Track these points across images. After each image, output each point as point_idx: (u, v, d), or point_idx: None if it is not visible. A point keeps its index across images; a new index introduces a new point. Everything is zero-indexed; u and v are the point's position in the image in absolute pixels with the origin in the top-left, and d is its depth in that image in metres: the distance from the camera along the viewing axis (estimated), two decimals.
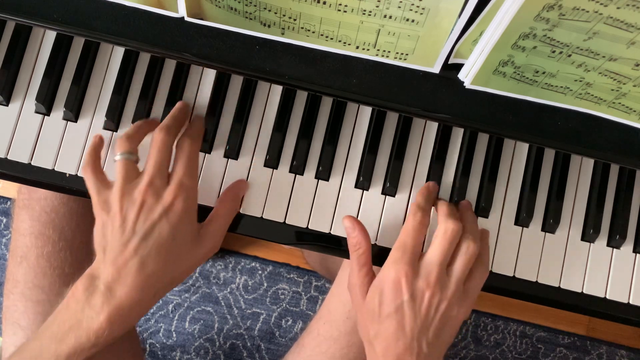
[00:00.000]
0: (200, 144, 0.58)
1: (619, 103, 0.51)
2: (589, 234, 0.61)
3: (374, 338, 0.52)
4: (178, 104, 0.58)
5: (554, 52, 0.47)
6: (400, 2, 0.45)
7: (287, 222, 0.60)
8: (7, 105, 0.60)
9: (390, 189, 0.60)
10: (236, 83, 0.61)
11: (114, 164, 0.54)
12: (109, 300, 0.49)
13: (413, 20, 0.46)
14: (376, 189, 0.60)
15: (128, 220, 0.50)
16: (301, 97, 0.61)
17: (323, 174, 0.60)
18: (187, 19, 0.51)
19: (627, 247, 0.62)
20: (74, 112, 0.59)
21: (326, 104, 0.61)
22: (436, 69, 0.52)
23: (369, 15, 0.47)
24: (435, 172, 0.61)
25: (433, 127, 0.62)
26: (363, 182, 0.60)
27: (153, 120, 0.59)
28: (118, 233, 0.50)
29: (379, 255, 0.58)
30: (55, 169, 0.59)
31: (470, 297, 0.54)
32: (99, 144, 0.56)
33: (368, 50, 0.51)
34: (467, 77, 0.51)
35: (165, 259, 0.50)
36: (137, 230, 0.50)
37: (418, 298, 0.51)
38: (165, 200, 0.50)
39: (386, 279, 0.52)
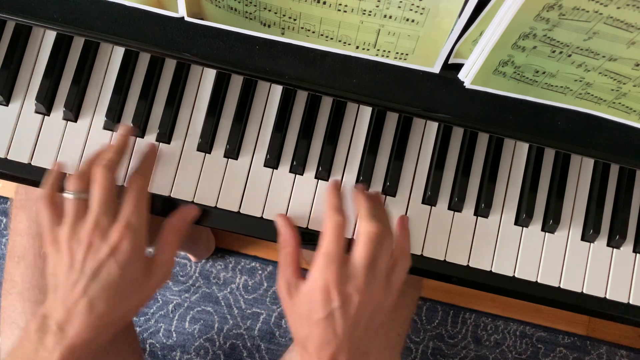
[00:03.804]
0: (149, 177, 0.57)
1: (619, 103, 0.51)
2: (589, 234, 0.61)
3: (305, 340, 0.53)
4: (121, 129, 0.56)
5: (554, 52, 0.47)
6: (400, 2, 0.45)
7: None
8: (7, 105, 0.60)
9: (390, 189, 0.60)
10: (236, 83, 0.61)
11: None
12: (61, 340, 0.49)
13: (413, 20, 0.46)
14: (376, 189, 0.60)
15: (76, 260, 0.50)
16: (301, 97, 0.61)
17: (323, 174, 0.60)
18: (187, 19, 0.51)
19: (627, 247, 0.62)
20: (74, 112, 0.59)
21: (326, 104, 0.61)
22: (436, 69, 0.52)
23: (369, 15, 0.47)
24: (435, 172, 0.61)
25: (433, 127, 0.62)
26: (363, 182, 0.60)
27: (104, 151, 0.56)
28: (67, 273, 0.50)
29: None
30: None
31: (394, 287, 0.55)
32: (60, 173, 0.55)
33: (368, 50, 0.51)
34: (467, 77, 0.51)
35: (114, 298, 0.51)
36: (85, 270, 0.50)
37: (348, 303, 0.52)
38: (111, 241, 0.50)
39: (315, 286, 0.52)
